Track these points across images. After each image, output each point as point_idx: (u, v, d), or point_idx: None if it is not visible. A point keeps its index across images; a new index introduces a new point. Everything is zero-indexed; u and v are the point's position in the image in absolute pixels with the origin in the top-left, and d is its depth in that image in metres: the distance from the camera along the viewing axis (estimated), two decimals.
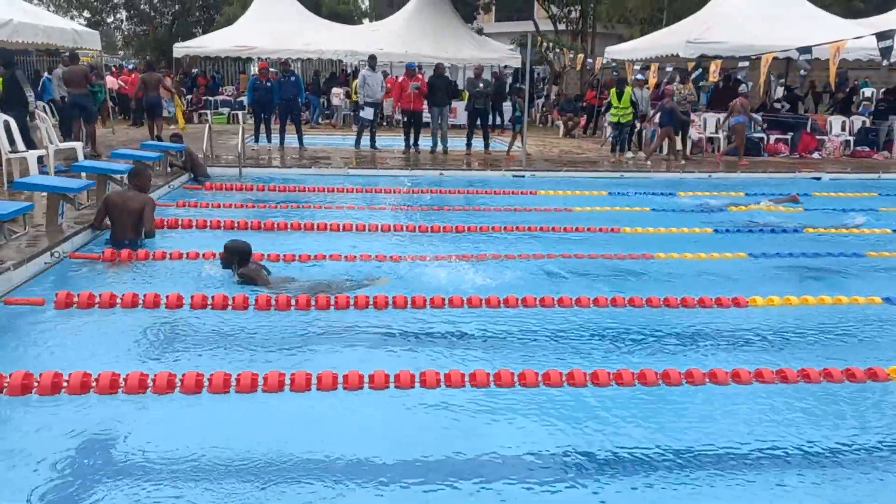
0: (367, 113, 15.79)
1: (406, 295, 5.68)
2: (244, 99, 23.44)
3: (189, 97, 23.11)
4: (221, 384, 4.09)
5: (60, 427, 3.79)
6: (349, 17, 31.66)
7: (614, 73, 18.76)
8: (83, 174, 8.47)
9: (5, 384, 3.95)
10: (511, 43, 30.96)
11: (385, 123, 21.03)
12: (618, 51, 20.86)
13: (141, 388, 4.03)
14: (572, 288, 6.20)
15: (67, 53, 15.13)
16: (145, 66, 21.74)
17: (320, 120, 23.41)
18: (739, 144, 15.22)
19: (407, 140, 15.86)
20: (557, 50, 23.39)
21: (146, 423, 3.93)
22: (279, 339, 5.00)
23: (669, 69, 16.56)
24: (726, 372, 4.49)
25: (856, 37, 13.51)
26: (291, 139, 15.81)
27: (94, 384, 4.01)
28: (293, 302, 5.47)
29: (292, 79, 15.49)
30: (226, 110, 23.40)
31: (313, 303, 5.49)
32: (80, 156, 9.57)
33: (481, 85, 15.80)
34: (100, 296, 5.22)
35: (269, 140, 15.81)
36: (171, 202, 9.38)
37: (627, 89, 15.68)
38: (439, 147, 15.66)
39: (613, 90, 15.83)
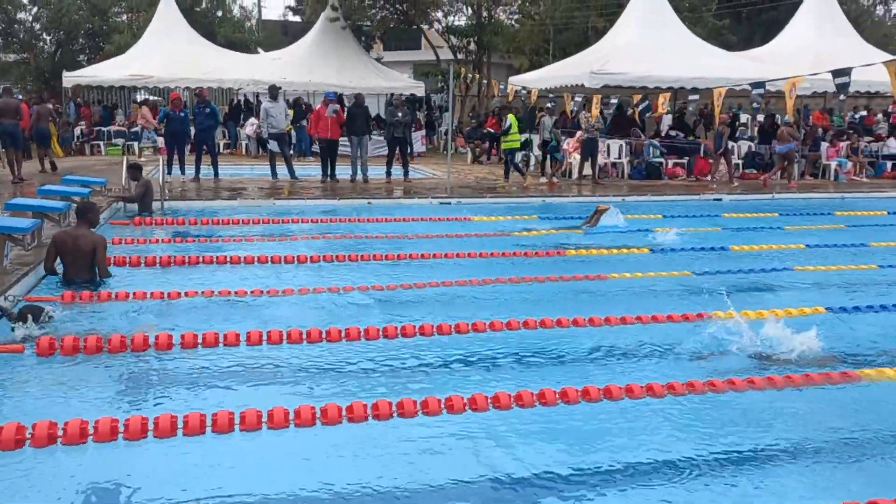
0: (272, 145, 15.65)
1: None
2: (138, 129, 22.68)
3: (80, 127, 21.94)
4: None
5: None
6: (245, 45, 31.11)
7: (523, 101, 19.49)
8: (29, 212, 7.91)
9: None
10: (413, 72, 31.54)
11: (293, 153, 20.80)
12: (521, 80, 21.65)
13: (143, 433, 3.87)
14: None
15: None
16: (38, 97, 20.62)
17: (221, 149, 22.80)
18: (790, 170, 16.81)
19: (324, 169, 15.77)
20: (470, 77, 24.05)
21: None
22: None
23: (578, 98, 17.37)
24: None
25: (812, 73, 14.71)
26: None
27: (91, 433, 3.80)
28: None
29: (207, 109, 15.08)
30: (120, 141, 22.33)
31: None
32: None
33: (400, 114, 16.00)
34: (85, 340, 4.93)
35: (182, 171, 15.27)
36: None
37: (510, 116, 16.26)
38: (359, 176, 15.68)
39: (512, 115, 16.43)
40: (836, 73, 12.48)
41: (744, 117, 24.42)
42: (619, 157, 18.05)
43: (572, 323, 6.10)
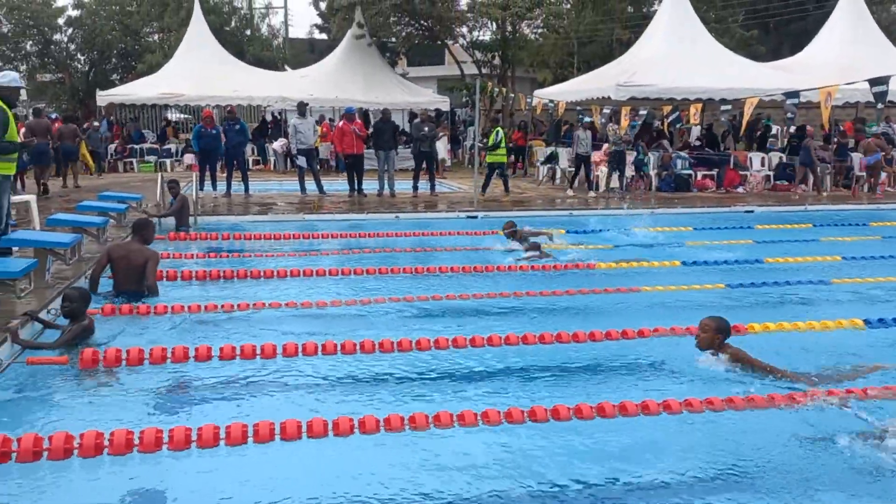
0: (301, 160, 15.82)
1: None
2: (172, 146, 23.13)
3: (114, 146, 22.40)
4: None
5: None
6: (273, 63, 31.56)
7: (550, 114, 19.50)
8: (69, 228, 8.09)
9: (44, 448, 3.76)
10: (437, 87, 31.76)
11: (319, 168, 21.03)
12: (547, 93, 21.67)
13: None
14: None
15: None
16: (62, 117, 21.17)
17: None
18: (877, 179, 16.98)
19: (351, 184, 15.90)
20: (497, 91, 24.18)
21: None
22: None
23: (606, 111, 17.35)
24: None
25: (848, 83, 14.57)
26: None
27: (137, 442, 3.86)
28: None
29: (237, 126, 15.32)
30: (152, 158, 22.76)
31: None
32: (35, 208, 9.12)
33: (426, 129, 16.09)
34: (127, 352, 5.03)
35: (213, 188, 15.51)
36: None
37: (497, 129, 16.19)
38: (386, 190, 15.78)
39: (500, 129, 16.34)
40: (874, 82, 12.34)
41: (774, 128, 24.23)
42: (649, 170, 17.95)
43: (605, 336, 6.07)
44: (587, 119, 17.33)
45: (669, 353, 5.81)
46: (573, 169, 17.09)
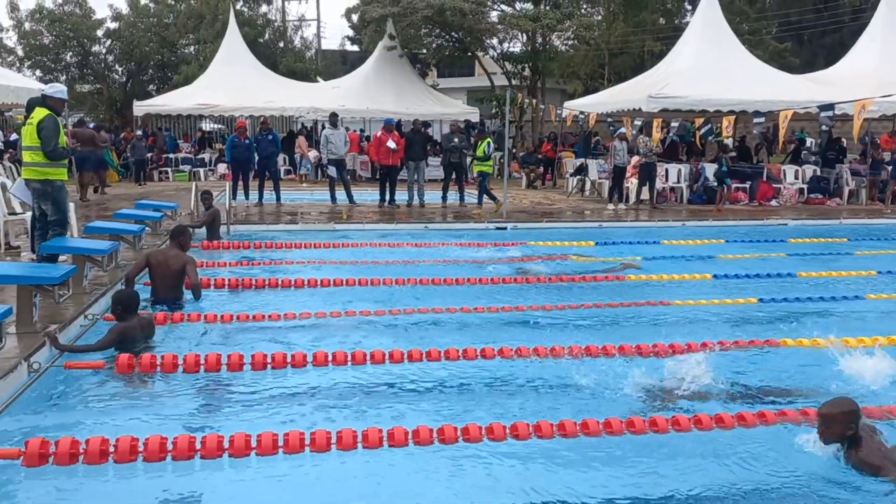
0: (331, 170, 15.97)
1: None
2: (206, 156, 23.53)
3: (150, 155, 22.82)
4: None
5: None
6: (305, 74, 31.99)
7: (581, 126, 19.47)
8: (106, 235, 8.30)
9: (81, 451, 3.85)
10: (467, 98, 31.91)
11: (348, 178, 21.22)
12: (577, 104, 21.63)
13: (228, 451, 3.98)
14: None
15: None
16: (97, 127, 21.69)
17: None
18: None
19: (382, 194, 16.00)
20: (527, 102, 24.25)
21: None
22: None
23: (637, 122, 17.27)
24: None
25: (884, 95, 14.34)
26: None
27: (171, 448, 3.93)
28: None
29: (270, 137, 15.54)
30: (186, 167, 23.16)
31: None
32: (73, 216, 9.32)
33: (456, 140, 16.16)
34: (161, 358, 5.13)
35: (246, 197, 15.73)
36: None
37: (486, 140, 16.00)
38: (416, 200, 15.86)
39: (488, 139, 16.10)
40: None
41: (807, 141, 23.92)
42: (678, 182, 17.84)
43: (636, 350, 6.04)
44: (622, 130, 17.24)
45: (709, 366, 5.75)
46: (609, 181, 16.90)
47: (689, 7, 35.77)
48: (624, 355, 5.96)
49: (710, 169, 18.19)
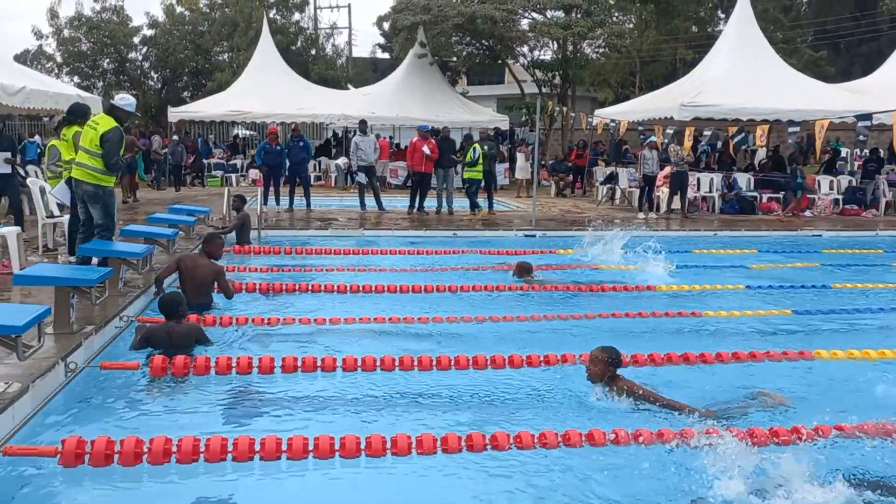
0: (361, 177, 16.07)
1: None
2: (238, 161, 23.84)
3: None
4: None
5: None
6: (336, 82, 32.30)
7: (611, 133, 19.38)
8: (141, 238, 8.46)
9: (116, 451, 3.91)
10: (496, 105, 31.94)
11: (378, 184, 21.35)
12: (608, 112, 21.54)
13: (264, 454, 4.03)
14: None
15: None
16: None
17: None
18: None
19: (412, 201, 16.06)
20: (557, 110, 24.21)
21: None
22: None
23: (669, 131, 17.14)
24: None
25: None
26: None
27: (203, 450, 3.98)
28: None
29: (301, 143, 15.70)
30: (219, 173, 23.48)
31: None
32: None
33: (486, 147, 16.17)
34: (195, 360, 5.21)
35: (277, 202, 15.90)
36: None
37: (473, 146, 15.85)
38: (444, 208, 15.89)
39: (478, 145, 15.89)
40: None
41: (843, 151, 23.53)
42: (710, 191, 17.66)
43: (666, 359, 5.98)
44: (652, 138, 17.11)
45: (735, 380, 5.68)
46: (637, 190, 16.81)
47: (722, 15, 35.47)
48: (654, 365, 5.90)
49: (742, 178, 18.02)
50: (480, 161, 15.62)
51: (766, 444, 4.39)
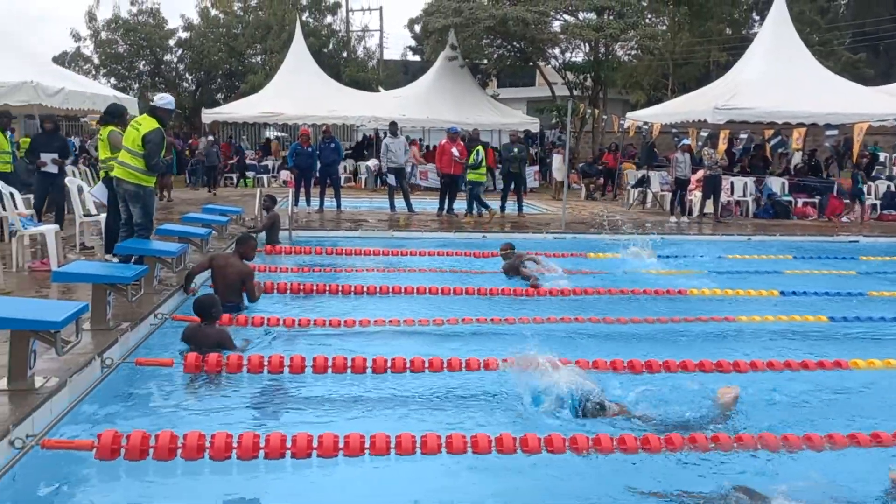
0: (391, 179, 16.12)
1: None
2: (269, 162, 24.10)
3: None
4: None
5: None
6: (367, 84, 32.48)
7: (643, 136, 19.21)
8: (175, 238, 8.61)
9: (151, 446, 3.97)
10: (527, 108, 31.87)
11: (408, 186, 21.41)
12: (640, 115, 21.36)
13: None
14: None
15: None
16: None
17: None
18: None
19: (442, 202, 16.08)
20: (588, 112, 24.10)
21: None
22: None
23: (703, 133, 16.95)
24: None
25: None
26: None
27: (235, 446, 4.02)
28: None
29: (332, 145, 15.82)
30: (251, 174, 23.75)
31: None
32: None
33: (516, 150, 16.14)
34: (227, 358, 5.27)
35: (308, 203, 16.03)
36: None
37: (478, 148, 15.65)
38: (474, 210, 15.87)
39: (481, 147, 15.76)
40: None
41: (881, 156, 23.03)
42: (744, 195, 17.43)
43: (698, 367, 5.90)
44: (685, 141, 16.93)
45: (774, 387, 5.59)
46: (669, 194, 16.63)
47: (757, 17, 35.01)
48: (686, 371, 5.83)
49: (776, 183, 17.75)
50: (483, 163, 15.52)
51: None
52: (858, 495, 4.00)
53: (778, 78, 17.35)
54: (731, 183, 17.44)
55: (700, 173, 16.38)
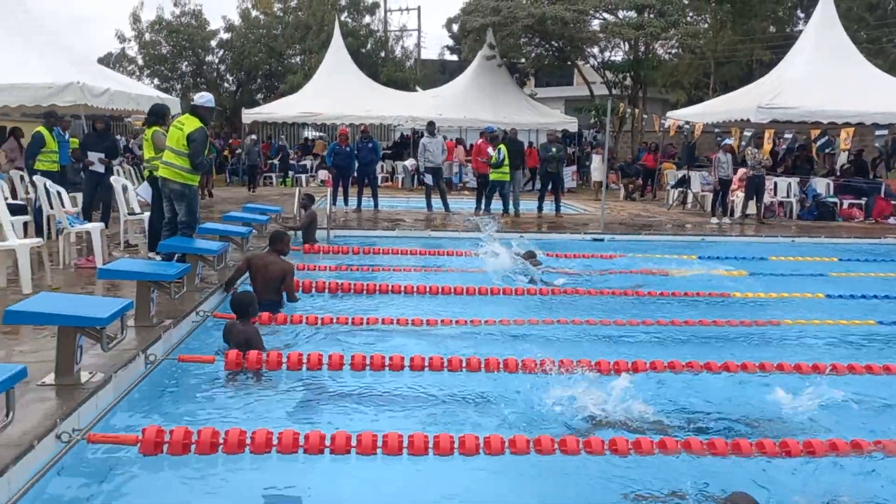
0: (428, 178, 16.13)
1: None
2: (307, 162, 24.33)
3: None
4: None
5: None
6: (405, 84, 32.58)
7: (685, 137, 18.95)
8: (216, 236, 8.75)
9: (193, 441, 4.02)
10: (565, 107, 31.66)
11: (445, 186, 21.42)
12: (680, 114, 21.03)
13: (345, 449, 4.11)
14: None
15: None
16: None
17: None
18: None
19: (479, 203, 16.05)
20: (628, 112, 23.84)
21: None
22: None
23: (747, 133, 16.64)
24: None
25: None
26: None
27: (276, 443, 4.06)
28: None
29: (370, 145, 15.90)
30: (289, 173, 24.01)
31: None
32: None
33: (554, 150, 16.03)
34: (267, 356, 5.33)
35: (346, 203, 16.13)
36: None
37: (500, 147, 15.31)
38: (511, 210, 15.82)
39: (504, 146, 15.33)
40: None
41: None
42: (788, 196, 17.06)
43: (740, 368, 5.79)
44: (727, 141, 16.62)
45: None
46: (710, 194, 16.34)
47: (802, 15, 34.23)
48: (729, 373, 5.73)
49: (820, 184, 17.35)
50: (506, 162, 15.21)
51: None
52: None
53: (824, 76, 16.93)
54: (775, 183, 17.10)
55: (741, 172, 16.07)
